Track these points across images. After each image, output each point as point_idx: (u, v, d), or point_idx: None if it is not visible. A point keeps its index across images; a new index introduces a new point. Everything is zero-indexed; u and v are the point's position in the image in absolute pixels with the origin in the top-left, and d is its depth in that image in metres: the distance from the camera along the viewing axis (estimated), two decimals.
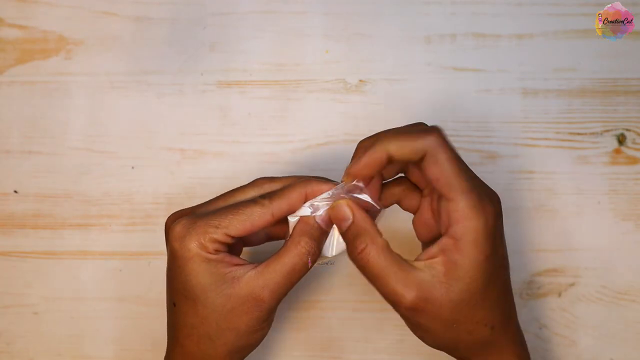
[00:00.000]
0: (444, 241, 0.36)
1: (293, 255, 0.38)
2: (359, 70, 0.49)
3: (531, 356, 0.46)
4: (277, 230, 0.41)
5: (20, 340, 0.48)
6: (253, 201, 0.38)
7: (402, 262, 0.36)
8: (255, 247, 0.42)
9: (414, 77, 0.49)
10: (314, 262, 0.38)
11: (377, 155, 0.36)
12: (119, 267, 0.48)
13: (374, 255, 0.36)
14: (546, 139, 0.48)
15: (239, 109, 0.49)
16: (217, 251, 0.37)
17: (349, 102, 0.49)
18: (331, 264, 0.40)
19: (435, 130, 0.36)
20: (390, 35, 0.49)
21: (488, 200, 0.37)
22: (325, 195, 0.38)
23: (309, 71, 0.49)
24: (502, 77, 0.49)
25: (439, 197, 0.37)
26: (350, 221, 0.37)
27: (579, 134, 0.49)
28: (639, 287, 0.48)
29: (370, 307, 0.48)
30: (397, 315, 0.37)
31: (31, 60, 0.49)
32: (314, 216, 0.38)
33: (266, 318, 0.38)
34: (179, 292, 0.38)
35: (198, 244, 0.37)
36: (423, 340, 0.39)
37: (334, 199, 0.38)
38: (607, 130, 0.48)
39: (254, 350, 0.48)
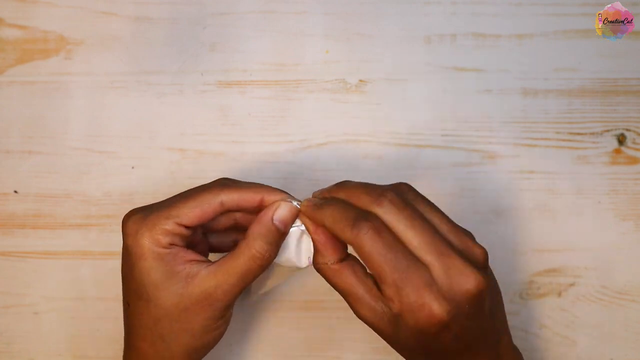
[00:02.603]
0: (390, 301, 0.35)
1: (246, 257, 0.36)
2: (359, 70, 0.49)
3: (531, 356, 0.46)
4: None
5: (20, 340, 0.48)
6: (203, 189, 0.38)
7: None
8: None
9: (414, 77, 0.49)
10: (267, 264, 0.37)
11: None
12: (119, 267, 0.48)
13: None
14: (546, 139, 0.48)
15: (239, 109, 0.49)
16: (171, 245, 0.36)
17: (349, 102, 0.49)
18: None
19: (368, 220, 0.34)
20: (390, 35, 0.49)
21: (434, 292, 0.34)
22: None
23: (309, 71, 0.49)
24: (502, 77, 0.49)
25: None
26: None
27: (579, 134, 0.49)
28: (639, 287, 0.48)
29: None
30: None
31: (31, 60, 0.49)
32: (272, 217, 0.37)
33: (221, 316, 0.37)
34: (132, 292, 0.37)
35: (151, 239, 0.36)
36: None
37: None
38: (607, 130, 0.48)
39: (254, 350, 0.48)
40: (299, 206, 0.38)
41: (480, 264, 0.35)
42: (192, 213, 0.36)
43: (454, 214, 0.48)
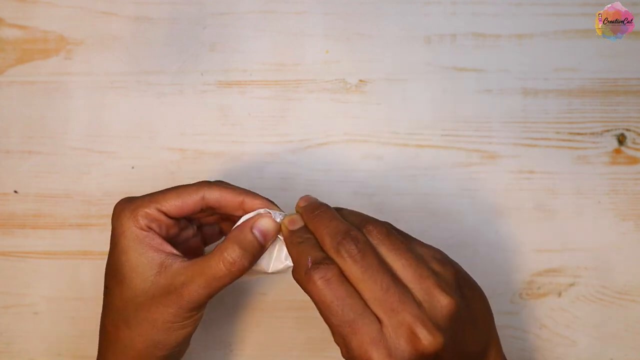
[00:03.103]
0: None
1: (217, 260, 0.36)
2: (359, 70, 0.49)
3: (531, 356, 0.46)
4: (229, 228, 0.40)
5: (20, 340, 0.48)
6: (189, 184, 0.39)
7: None
8: None
9: (414, 77, 0.49)
10: (239, 272, 0.37)
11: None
12: None
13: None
14: (546, 139, 0.48)
15: (239, 109, 0.49)
16: (149, 228, 0.37)
17: (349, 102, 0.49)
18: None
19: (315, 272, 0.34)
20: (390, 35, 0.49)
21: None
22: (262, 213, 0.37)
23: (309, 71, 0.49)
24: (502, 77, 0.49)
25: None
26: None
27: (579, 134, 0.49)
28: (639, 287, 0.48)
29: None
30: None
31: (31, 60, 0.49)
32: (252, 228, 0.37)
33: (186, 317, 0.37)
34: (111, 275, 0.38)
35: (131, 219, 0.37)
36: None
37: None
38: (607, 130, 0.48)
39: (254, 350, 0.48)
40: (281, 217, 0.37)
41: (442, 318, 0.33)
42: (173, 202, 0.38)
43: (454, 214, 0.48)
